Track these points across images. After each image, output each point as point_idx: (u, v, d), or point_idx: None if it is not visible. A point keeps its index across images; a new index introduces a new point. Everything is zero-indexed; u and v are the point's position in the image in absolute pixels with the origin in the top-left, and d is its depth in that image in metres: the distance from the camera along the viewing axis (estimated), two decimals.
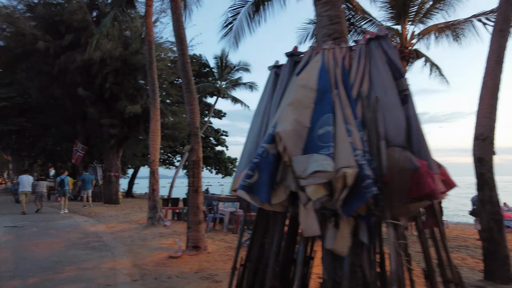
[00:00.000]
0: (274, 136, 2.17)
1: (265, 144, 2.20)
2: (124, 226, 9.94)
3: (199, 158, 6.03)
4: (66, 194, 15.16)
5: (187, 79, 6.15)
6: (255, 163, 2.15)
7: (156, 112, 9.62)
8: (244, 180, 2.14)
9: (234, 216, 9.37)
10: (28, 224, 10.76)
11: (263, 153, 2.16)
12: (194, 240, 5.86)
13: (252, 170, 2.14)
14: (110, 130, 17.32)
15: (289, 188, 2.17)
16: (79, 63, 16.19)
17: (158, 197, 9.53)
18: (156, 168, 9.53)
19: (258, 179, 2.13)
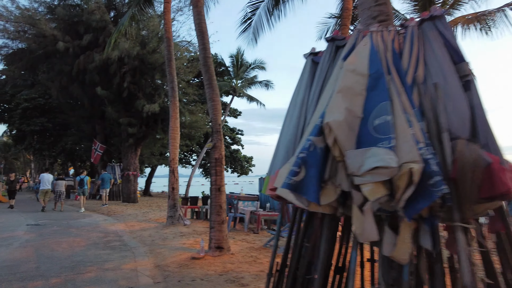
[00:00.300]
0: (323, 127, 1.90)
1: (312, 136, 1.93)
2: (144, 225, 9.85)
3: (221, 156, 5.81)
4: (85, 193, 15.37)
5: (209, 74, 5.94)
6: (301, 158, 1.89)
7: (176, 110, 9.47)
8: (289, 178, 1.89)
9: (254, 215, 9.13)
10: (50, 222, 10.82)
11: (310, 147, 1.90)
12: (217, 241, 5.65)
13: (298, 166, 1.88)
14: (128, 129, 17.37)
15: (340, 187, 1.91)
16: (97, 63, 16.28)
17: (178, 195, 9.39)
18: (175, 166, 9.39)
19: (305, 177, 1.87)
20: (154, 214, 12.63)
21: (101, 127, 21.43)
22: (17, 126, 29.30)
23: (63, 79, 17.54)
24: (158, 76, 18.27)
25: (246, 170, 41.74)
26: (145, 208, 16.35)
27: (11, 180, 16.51)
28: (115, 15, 19.41)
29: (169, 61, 9.63)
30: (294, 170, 1.89)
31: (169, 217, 9.24)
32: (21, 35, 18.50)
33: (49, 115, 28.46)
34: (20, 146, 31.04)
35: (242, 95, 35.22)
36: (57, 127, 28.70)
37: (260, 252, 6.29)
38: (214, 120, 5.84)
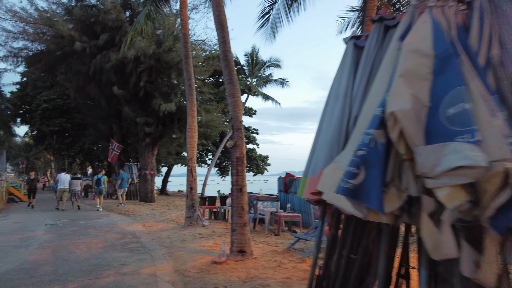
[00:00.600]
0: (385, 118, 1.56)
1: (372, 130, 1.59)
2: (161, 226, 9.67)
3: (243, 154, 5.51)
4: (102, 192, 15.38)
5: (229, 69, 5.64)
6: (361, 156, 1.56)
7: (193, 108, 9.24)
8: (345, 181, 1.56)
9: (275, 216, 8.80)
10: (68, 222, 10.78)
11: (371, 142, 1.57)
12: (239, 244, 5.35)
13: (357, 166, 1.55)
14: (145, 129, 17.32)
15: (406, 191, 1.56)
16: (114, 62, 16.26)
17: (196, 195, 9.16)
18: (193, 165, 9.15)
19: (366, 179, 1.55)
20: (171, 214, 12.47)
21: (118, 126, 21.52)
22: (37, 127, 29.92)
23: (80, 79, 17.63)
24: (174, 75, 18.16)
25: (262, 169, 41.44)
26: (162, 207, 16.26)
27: (31, 179, 16.38)
28: (130, 15, 19.40)
29: (186, 58, 9.40)
30: (351, 171, 1.56)
31: (187, 218, 9.01)
32: (40, 37, 18.70)
33: (67, 115, 28.92)
34: (40, 146, 31.67)
35: (257, 93, 34.92)
36: (75, 127, 29.13)
37: (284, 256, 5.97)
38: (235, 117, 5.54)
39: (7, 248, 6.82)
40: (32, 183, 16.31)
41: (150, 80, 17.73)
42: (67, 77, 18.42)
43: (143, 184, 18.73)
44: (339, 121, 2.17)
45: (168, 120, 18.59)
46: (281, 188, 11.23)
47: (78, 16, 17.65)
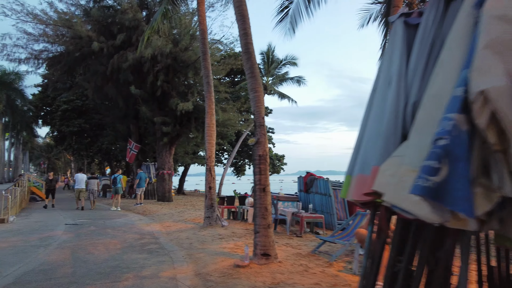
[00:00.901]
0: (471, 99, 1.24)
1: (454, 114, 1.28)
2: (180, 226, 9.49)
3: (266, 152, 5.22)
4: (119, 191, 15.40)
5: (251, 63, 5.37)
6: (443, 147, 1.24)
7: (211, 106, 9.01)
8: (424, 178, 1.25)
9: (296, 217, 8.48)
10: (87, 222, 10.75)
11: (454, 129, 1.25)
12: (263, 247, 5.07)
13: (439, 159, 1.24)
14: (162, 128, 17.27)
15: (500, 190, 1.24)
16: (131, 62, 16.26)
17: (215, 195, 8.93)
18: (212, 165, 8.93)
19: (450, 176, 1.23)
20: (189, 214, 12.31)
21: (136, 126, 21.61)
22: (57, 128, 30.53)
23: (98, 79, 17.73)
24: (190, 74, 18.05)
25: (278, 169, 41.06)
26: (180, 207, 16.16)
27: (49, 179, 16.19)
28: (147, 14, 19.42)
29: (204, 55, 9.18)
30: (431, 165, 1.24)
31: (206, 218, 8.80)
32: (60, 38, 18.93)
33: (86, 116, 29.39)
34: (60, 146, 32.29)
35: (273, 92, 34.61)
36: (94, 128, 29.56)
37: (310, 259, 5.65)
38: (257, 112, 5.25)
39: (27, 248, 6.76)
40: (50, 183, 16.12)
41: (167, 79, 17.67)
42: (86, 77, 18.58)
43: (160, 183, 18.71)
44: (394, 109, 1.85)
45: (185, 119, 18.49)
46: (301, 188, 10.89)
47: (96, 17, 17.76)
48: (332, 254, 5.95)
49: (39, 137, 53.65)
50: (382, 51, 11.06)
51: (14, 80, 34.11)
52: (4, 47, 19.12)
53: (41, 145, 62.53)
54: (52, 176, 16.34)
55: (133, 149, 19.54)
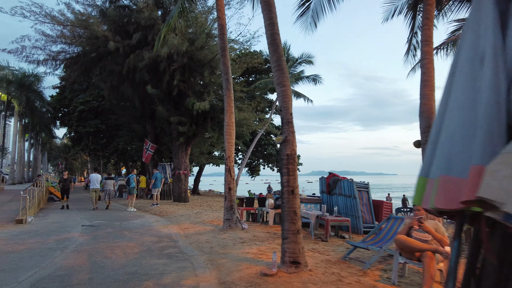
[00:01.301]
0: None
1: None
2: (198, 228, 9.17)
3: (294, 151, 4.82)
4: (132, 192, 15.24)
5: (278, 55, 4.98)
6: None
7: (231, 103, 8.66)
8: None
9: (321, 220, 8.03)
10: (104, 223, 10.56)
11: None
12: (292, 254, 4.67)
13: None
14: (178, 128, 17.07)
15: None
16: (147, 61, 16.12)
17: (235, 197, 8.57)
18: (232, 165, 8.58)
19: None
20: (207, 215, 12.01)
21: (152, 126, 21.53)
22: (74, 128, 30.86)
23: (114, 79, 17.67)
24: (207, 73, 17.79)
25: None
26: (197, 207, 15.91)
27: (64, 179, 15.55)
28: (163, 14, 19.28)
29: (222, 51, 8.84)
30: None
31: (226, 220, 8.45)
32: (76, 39, 18.98)
33: (102, 117, 29.59)
34: (77, 147, 32.62)
35: None
36: (110, 128, 29.73)
37: (341, 267, 5.22)
38: (284, 108, 4.86)
39: (44, 251, 6.54)
40: (65, 183, 15.52)
41: (183, 79, 17.48)
42: (102, 77, 18.57)
43: (176, 184, 18.52)
44: (493, 93, 1.43)
45: (201, 119, 18.27)
46: (323, 189, 10.43)
47: (112, 16, 17.71)
48: (365, 261, 5.51)
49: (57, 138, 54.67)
50: (408, 46, 10.48)
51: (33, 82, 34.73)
52: (24, 49, 19.30)
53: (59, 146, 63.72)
54: (67, 176, 15.81)
55: (149, 149, 19.43)
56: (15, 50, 19.19)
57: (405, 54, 10.80)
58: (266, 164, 42.30)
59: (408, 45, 10.42)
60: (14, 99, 31.29)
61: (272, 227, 8.94)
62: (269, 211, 9.14)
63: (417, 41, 10.40)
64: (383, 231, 6.10)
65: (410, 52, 10.69)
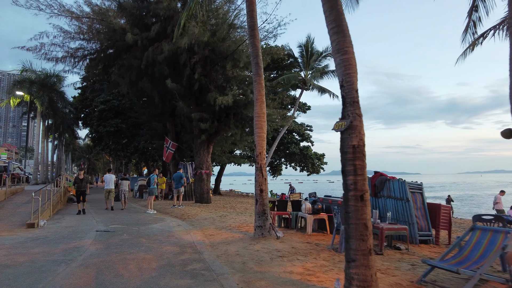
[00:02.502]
0: None
1: None
2: (225, 236, 7.99)
3: (362, 141, 3.53)
4: (152, 193, 14.33)
5: (336, 12, 3.69)
6: None
7: (261, 91, 7.43)
8: None
9: (373, 229, 6.66)
10: (120, 228, 9.56)
11: None
12: (362, 282, 3.38)
13: None
14: (200, 125, 15.99)
15: None
16: (166, 54, 15.13)
17: (267, 200, 7.33)
18: (263, 162, 7.34)
19: None
20: (233, 219, 10.83)
21: (172, 124, 20.64)
22: (94, 128, 30.58)
23: (133, 74, 16.79)
24: (229, 66, 16.62)
25: (317, 169, 38.79)
26: (220, 209, 14.80)
27: (80, 179, 13.53)
28: (182, 4, 18.29)
29: (251, 30, 7.61)
30: None
31: (257, 228, 7.22)
32: (94, 35, 18.29)
33: (122, 116, 29.13)
34: (98, 147, 32.32)
35: (312, 87, 32.63)
36: (130, 128, 29.21)
37: None
38: (347, 83, 3.57)
39: (46, 265, 5.52)
40: (81, 183, 13.45)
41: (205, 72, 16.39)
42: (120, 73, 17.77)
43: (198, 184, 17.48)
44: None
45: (224, 115, 17.15)
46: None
47: (130, 8, 16.87)
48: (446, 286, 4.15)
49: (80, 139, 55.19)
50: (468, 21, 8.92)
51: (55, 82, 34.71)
52: (42, 46, 18.80)
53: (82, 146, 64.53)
54: (82, 175, 13.90)
55: (170, 147, 18.49)
56: (34, 47, 18.69)
57: (463, 32, 9.24)
58: (289, 164, 40.92)
59: (468, 20, 8.87)
60: (37, 100, 31.22)
61: (311, 236, 7.64)
62: (307, 217, 7.84)
63: (478, 17, 8.85)
64: (467, 246, 4.71)
65: (469, 30, 9.12)
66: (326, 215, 7.98)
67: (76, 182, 13.82)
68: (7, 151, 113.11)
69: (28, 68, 31.82)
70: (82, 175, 14.02)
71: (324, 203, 8.33)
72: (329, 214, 8.03)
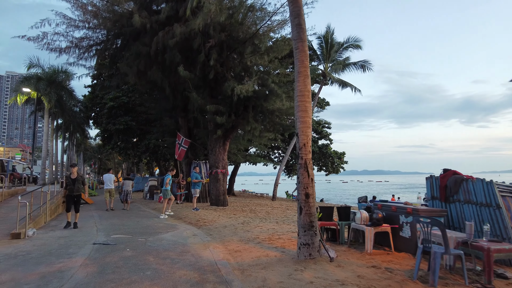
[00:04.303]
0: None
1: None
2: (256, 253, 6.12)
3: None
4: (166, 195, 12.61)
5: None
6: None
7: (305, 62, 5.55)
8: None
9: (472, 250, 4.70)
10: (123, 239, 7.82)
11: None
12: None
13: None
14: (216, 119, 14.19)
15: None
16: (178, 38, 13.36)
17: (315, 208, 5.42)
18: (308, 157, 5.44)
19: None
20: (258, 228, 8.98)
21: (184, 120, 18.92)
22: (104, 126, 29.20)
23: (141, 63, 15.09)
24: (248, 52, 14.75)
25: (337, 168, 36.60)
26: (239, 214, 12.99)
27: (72, 179, 9.59)
28: None
29: None
30: None
31: (303, 246, 5.32)
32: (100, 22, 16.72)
33: (132, 113, 27.65)
34: (107, 146, 30.94)
35: (332, 81, 30.55)
36: (141, 125, 27.69)
37: None
38: None
39: None
40: (73, 186, 9.56)
41: (221, 60, 14.57)
42: (127, 62, 16.12)
43: (214, 184, 15.70)
44: None
45: (242, 108, 15.32)
46: (435, 194, 7.06)
47: None
48: None
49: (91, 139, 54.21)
50: None
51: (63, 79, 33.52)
52: (45, 36, 17.33)
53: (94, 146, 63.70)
54: (76, 174, 9.75)
55: (183, 144, 16.76)
56: (36, 37, 17.24)
57: None
58: None
59: None
60: (44, 97, 30.00)
61: (373, 256, 5.71)
62: (365, 230, 5.91)
63: None
64: None
65: None
66: (389, 227, 6.04)
67: (67, 184, 9.77)
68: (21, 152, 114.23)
69: (36, 63, 30.71)
70: (76, 173, 9.78)
71: (385, 210, 6.39)
72: (392, 226, 6.09)
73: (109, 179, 14.90)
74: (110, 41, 18.04)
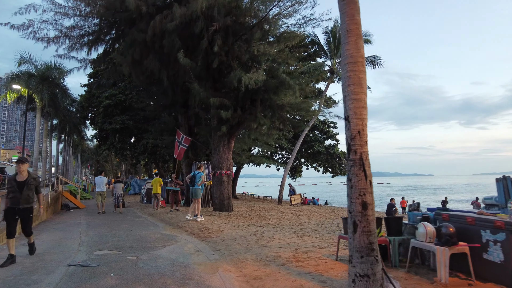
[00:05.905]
0: None
1: None
2: (285, 283, 4.47)
3: None
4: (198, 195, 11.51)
5: None
6: None
7: (356, 16, 3.95)
8: None
9: None
10: (109, 256, 6.16)
11: None
12: None
13: None
14: (220, 113, 12.56)
15: None
16: (178, 21, 11.77)
17: (374, 224, 3.78)
18: (365, 150, 3.79)
19: None
20: (276, 241, 7.33)
21: (185, 117, 17.32)
22: (99, 126, 27.65)
23: (136, 51, 13.47)
24: (256, 38, 13.13)
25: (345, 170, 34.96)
26: (248, 221, 11.38)
27: (17, 182, 5.77)
28: None
29: None
30: None
31: (359, 277, 3.64)
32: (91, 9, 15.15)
33: (129, 112, 26.11)
34: (103, 146, 29.31)
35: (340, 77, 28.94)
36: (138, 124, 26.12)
37: None
38: None
39: None
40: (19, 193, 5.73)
41: (226, 47, 12.94)
42: (121, 51, 14.52)
43: (217, 187, 14.03)
44: None
45: (248, 101, 13.70)
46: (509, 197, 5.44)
47: None
48: None
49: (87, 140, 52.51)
50: None
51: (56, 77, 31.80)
52: (31, 24, 15.75)
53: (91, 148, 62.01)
54: (25, 175, 5.89)
55: (183, 143, 15.12)
56: (21, 25, 15.65)
57: None
58: (310, 164, 37.26)
59: None
60: (35, 94, 28.29)
61: None
62: (437, 251, 4.27)
63: None
64: None
65: None
66: (468, 247, 4.40)
67: (9, 191, 5.79)
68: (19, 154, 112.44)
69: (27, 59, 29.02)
70: (25, 173, 5.91)
71: (455, 222, 4.74)
72: (470, 245, 4.44)
73: (101, 182, 14.56)
74: (103, 31, 16.48)
